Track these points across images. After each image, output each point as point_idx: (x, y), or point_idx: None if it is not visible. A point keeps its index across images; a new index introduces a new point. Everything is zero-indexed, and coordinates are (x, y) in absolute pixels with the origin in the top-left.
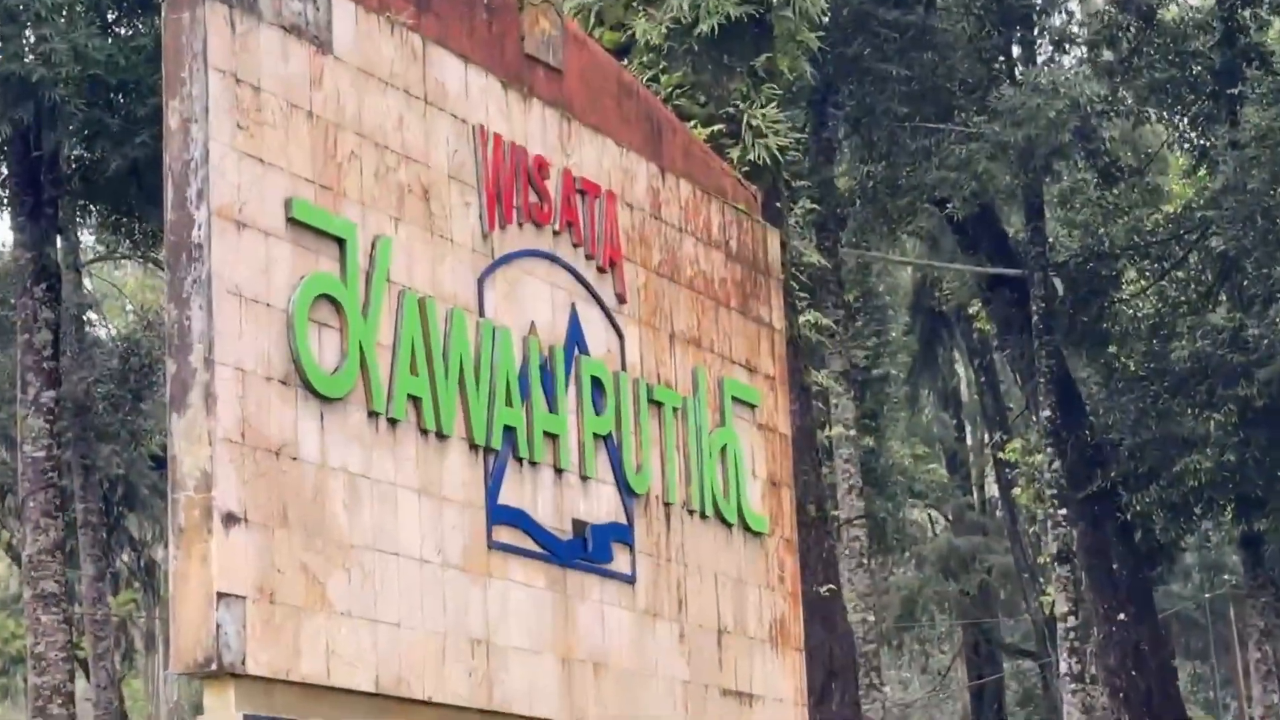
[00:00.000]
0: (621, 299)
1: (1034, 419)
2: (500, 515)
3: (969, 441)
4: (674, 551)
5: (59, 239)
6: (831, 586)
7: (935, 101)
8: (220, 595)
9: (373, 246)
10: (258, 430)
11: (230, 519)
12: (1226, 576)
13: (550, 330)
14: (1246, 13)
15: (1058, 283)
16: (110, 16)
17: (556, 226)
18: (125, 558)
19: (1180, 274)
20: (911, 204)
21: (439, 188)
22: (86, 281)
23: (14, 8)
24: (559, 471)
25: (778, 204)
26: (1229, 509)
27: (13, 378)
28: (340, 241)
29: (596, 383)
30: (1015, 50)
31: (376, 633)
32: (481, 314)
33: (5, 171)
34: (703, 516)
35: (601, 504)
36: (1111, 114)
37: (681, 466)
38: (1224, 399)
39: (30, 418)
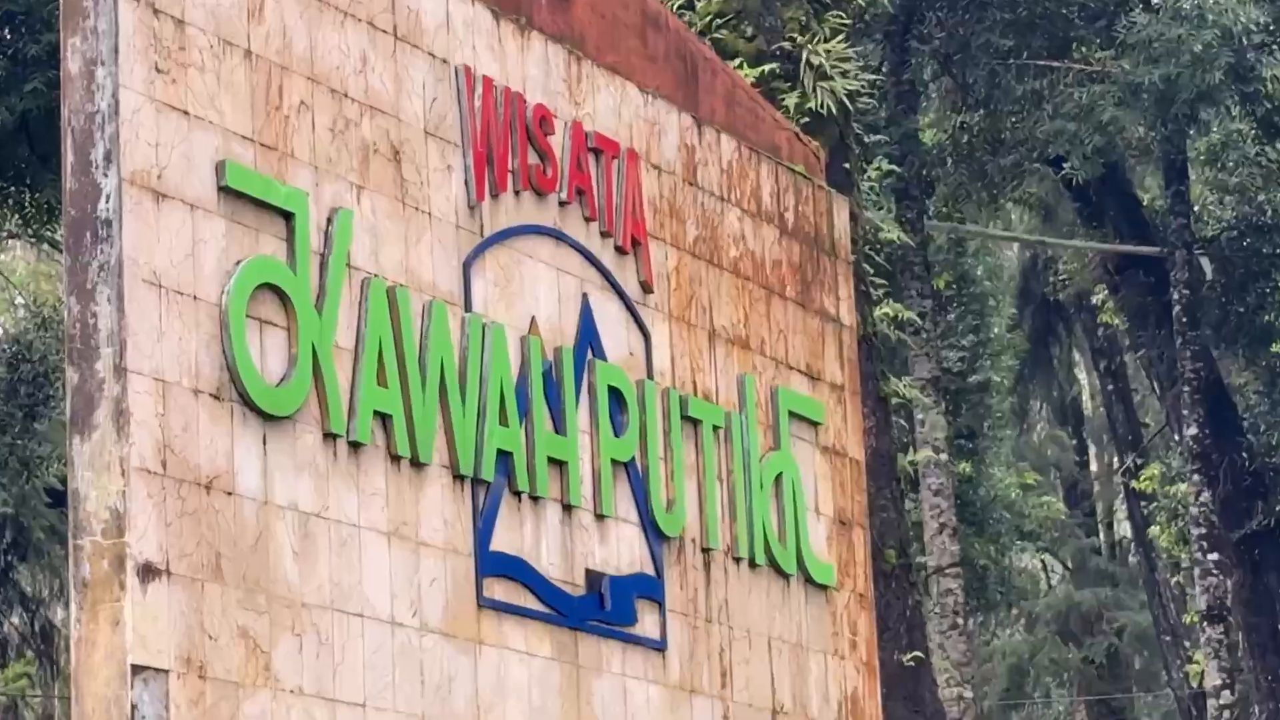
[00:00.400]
0: (647, 288)
1: (1176, 438)
2: (493, 565)
3: (1093, 468)
4: (715, 610)
5: None
6: (918, 654)
7: (1048, 33)
8: (136, 668)
9: (329, 222)
10: (183, 458)
11: (148, 571)
12: None
13: (556, 328)
14: None
15: (1205, 263)
16: None
17: (564, 195)
18: (15, 620)
19: None
20: (1018, 164)
21: (413, 146)
22: None
23: None
24: (568, 509)
25: (846, 165)
26: None
27: None
28: (287, 216)
29: (615, 395)
30: None
31: (335, 715)
32: (468, 308)
33: None
34: (752, 565)
35: (622, 550)
36: (1274, 47)
37: (725, 502)
38: None
39: None
